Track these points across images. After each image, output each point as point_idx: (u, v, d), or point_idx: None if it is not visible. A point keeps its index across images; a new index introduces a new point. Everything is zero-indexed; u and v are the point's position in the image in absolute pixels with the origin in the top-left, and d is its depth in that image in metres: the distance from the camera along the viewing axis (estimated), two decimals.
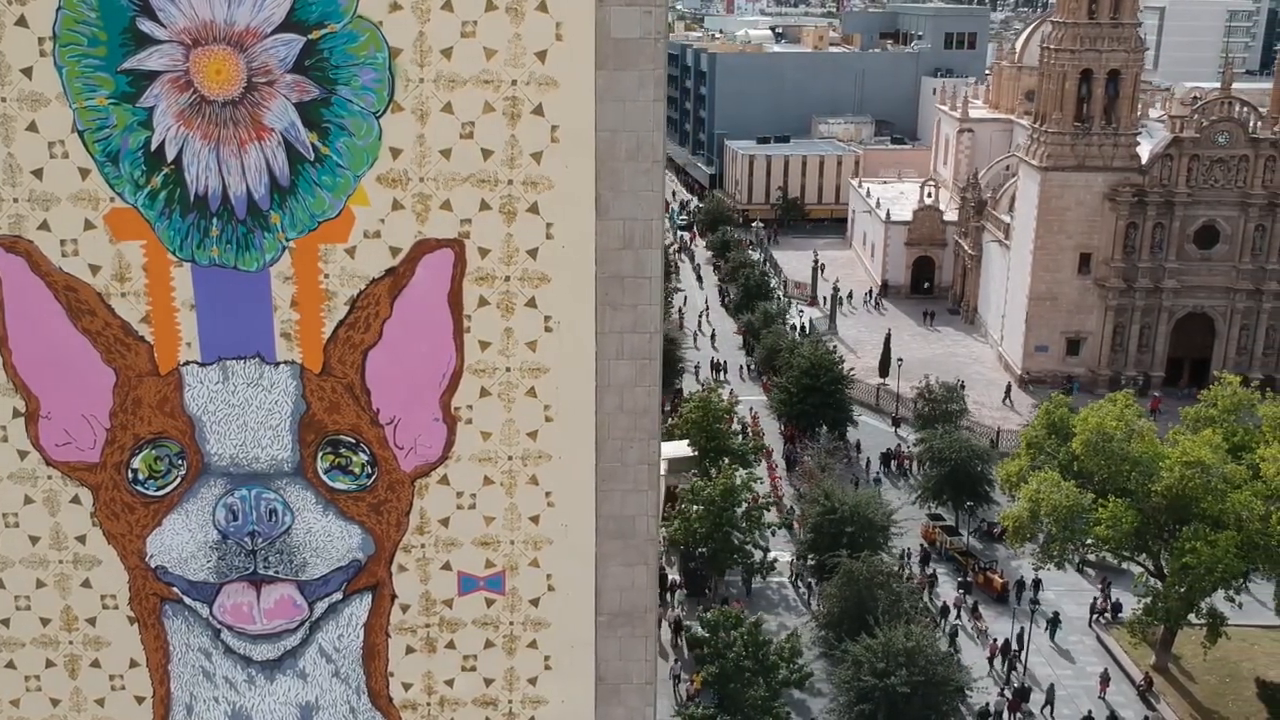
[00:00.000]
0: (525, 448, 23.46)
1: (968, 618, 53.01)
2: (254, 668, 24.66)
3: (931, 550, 59.50)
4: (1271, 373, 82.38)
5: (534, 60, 21.37)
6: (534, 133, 21.73)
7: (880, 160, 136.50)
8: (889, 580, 46.20)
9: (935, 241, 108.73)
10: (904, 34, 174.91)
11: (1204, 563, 41.53)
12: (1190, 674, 48.93)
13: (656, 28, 21.46)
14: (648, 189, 22.21)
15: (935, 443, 60.88)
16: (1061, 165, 79.48)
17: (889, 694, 39.33)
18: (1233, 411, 48.07)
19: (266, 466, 23.34)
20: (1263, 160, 78.47)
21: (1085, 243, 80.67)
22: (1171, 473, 43.31)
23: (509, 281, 22.50)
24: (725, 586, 54.95)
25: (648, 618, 24.77)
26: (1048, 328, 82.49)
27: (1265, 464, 43.21)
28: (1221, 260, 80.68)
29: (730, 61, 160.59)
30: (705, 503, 51.76)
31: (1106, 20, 78.11)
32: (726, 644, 39.54)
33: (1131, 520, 44.53)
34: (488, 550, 24.17)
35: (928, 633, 41.81)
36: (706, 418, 61.24)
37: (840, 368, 71.92)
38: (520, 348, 22.85)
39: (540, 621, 24.67)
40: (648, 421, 23.49)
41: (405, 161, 21.78)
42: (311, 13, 21.06)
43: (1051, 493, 45.20)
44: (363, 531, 23.88)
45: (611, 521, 24.08)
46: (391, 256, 22.23)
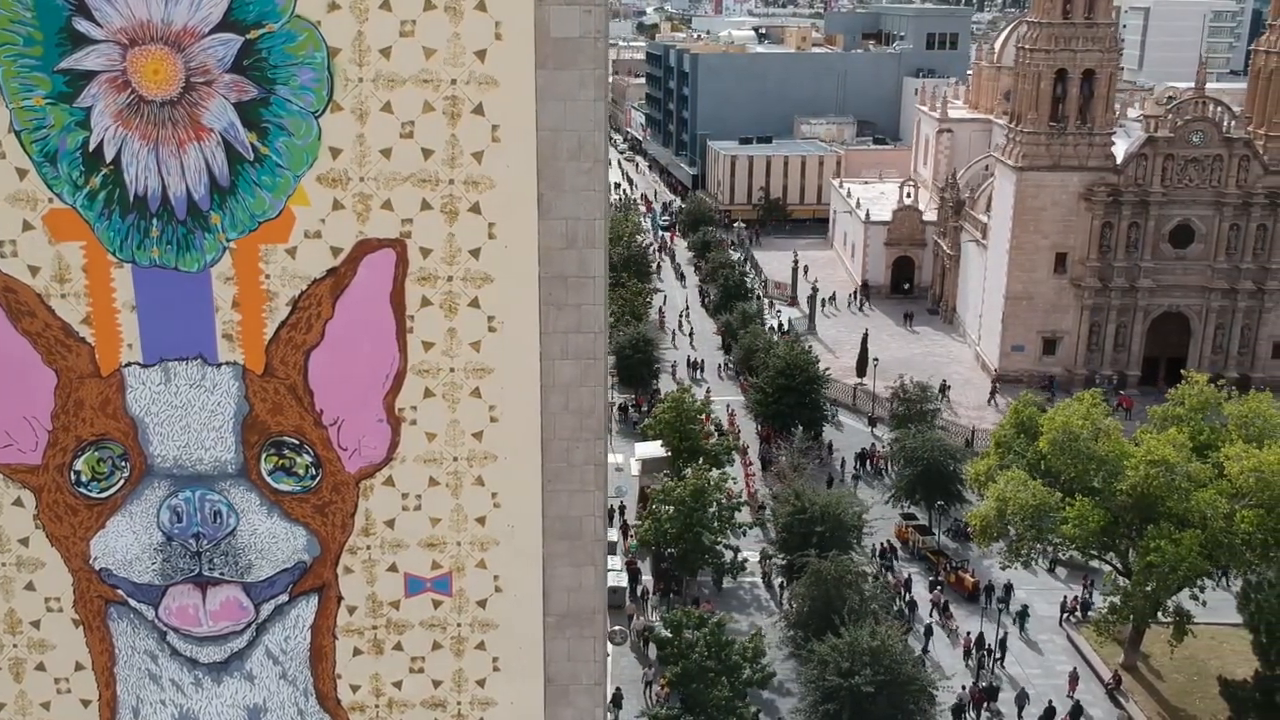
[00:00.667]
0: (470, 448, 23.38)
1: (939, 617, 53.07)
2: (201, 670, 24.56)
3: (904, 550, 59.60)
4: (1247, 371, 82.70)
5: (474, 59, 21.31)
6: (475, 132, 21.66)
7: (862, 160, 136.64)
8: (857, 580, 46.24)
9: (915, 242, 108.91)
10: (886, 34, 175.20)
11: (1168, 561, 41.61)
12: (1159, 672, 49.02)
13: (597, 27, 21.40)
14: (590, 188, 22.15)
15: (908, 442, 60.96)
16: (1037, 165, 79.66)
17: (854, 693, 39.33)
18: (1199, 410, 48.23)
19: (210, 468, 23.23)
20: (1236, 160, 78.69)
21: (1061, 242, 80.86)
22: (1136, 471, 43.41)
23: (451, 281, 22.42)
24: (697, 586, 54.95)
25: (596, 619, 24.69)
26: (1024, 327, 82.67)
27: (1229, 462, 43.35)
28: (1196, 259, 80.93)
29: (712, 62, 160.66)
30: (675, 503, 51.76)
31: (1081, 20, 78.32)
32: (689, 644, 39.55)
33: (1098, 519, 44.63)
34: (434, 551, 24.09)
35: (894, 632, 41.77)
36: (680, 418, 61.25)
37: (815, 368, 71.96)
38: (464, 348, 22.78)
39: (488, 623, 24.59)
40: (593, 422, 23.42)
41: (345, 161, 21.70)
42: (249, 12, 20.97)
43: (1018, 492, 45.28)
44: (308, 533, 23.79)
45: (558, 522, 24.02)
46: (333, 257, 22.15)
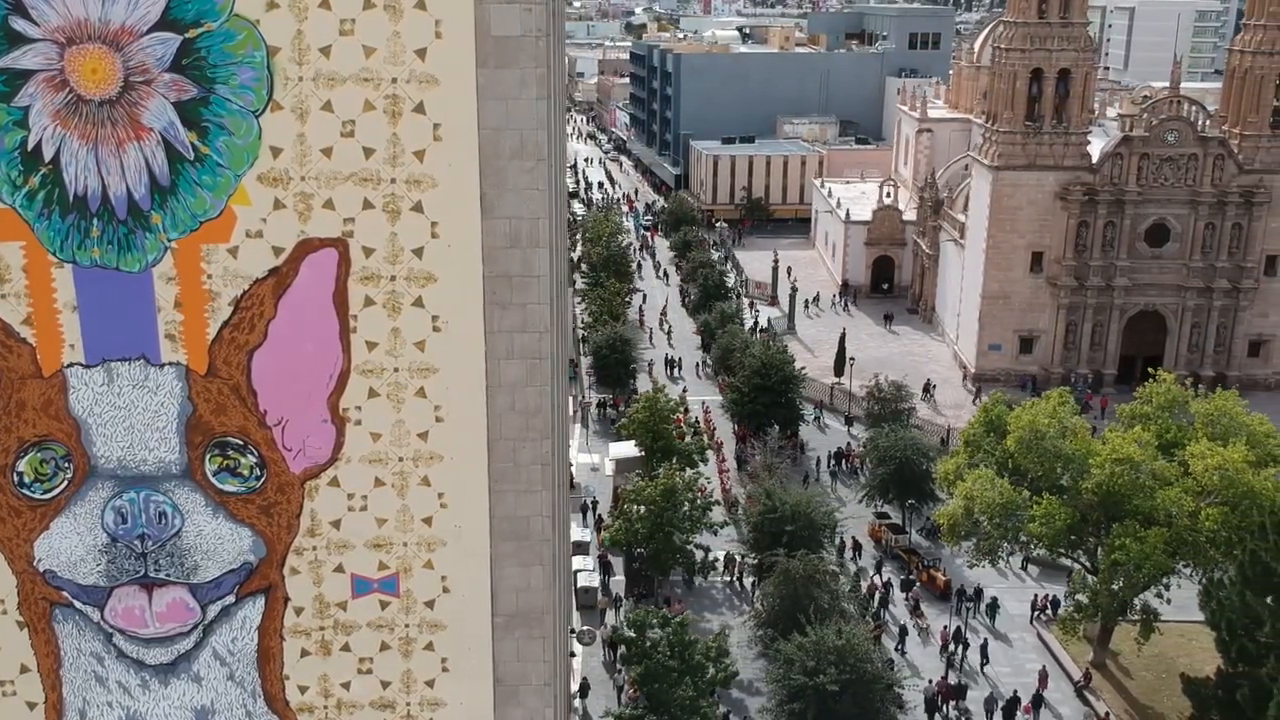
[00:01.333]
0: (416, 449, 23.36)
1: (910, 615, 53.07)
2: (147, 672, 24.47)
3: (877, 548, 59.65)
4: (1223, 370, 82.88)
5: (414, 58, 21.28)
6: (416, 131, 21.63)
7: (844, 160, 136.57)
8: (826, 579, 46.23)
9: (895, 241, 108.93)
10: (869, 34, 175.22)
11: (1133, 559, 41.69)
12: (1128, 670, 49.07)
13: (538, 25, 21.35)
14: (533, 187, 22.13)
15: (881, 441, 60.97)
16: (1013, 164, 79.70)
17: (819, 692, 39.30)
18: (1166, 409, 48.32)
19: (154, 469, 23.16)
20: (1211, 159, 78.84)
21: (1037, 241, 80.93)
22: (1102, 469, 43.49)
23: (395, 281, 22.39)
24: (669, 586, 54.91)
25: (545, 619, 24.66)
26: (1001, 326, 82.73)
27: (1194, 460, 43.44)
28: (1172, 258, 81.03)
29: (695, 62, 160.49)
30: (646, 502, 51.71)
31: (1056, 20, 78.36)
32: (652, 644, 39.47)
33: (1064, 517, 44.67)
34: (380, 552, 24.05)
35: (860, 631, 41.74)
36: (653, 418, 61.20)
37: (791, 367, 71.93)
38: (408, 348, 22.75)
39: (436, 623, 24.56)
40: (540, 421, 23.40)
41: (286, 160, 21.65)
42: (187, 11, 20.91)
43: (985, 491, 45.31)
44: (253, 534, 23.73)
45: (506, 522, 23.99)
46: (274, 256, 22.10)
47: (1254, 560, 35.63)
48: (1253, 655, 35.97)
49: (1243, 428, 45.61)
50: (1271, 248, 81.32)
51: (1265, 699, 34.62)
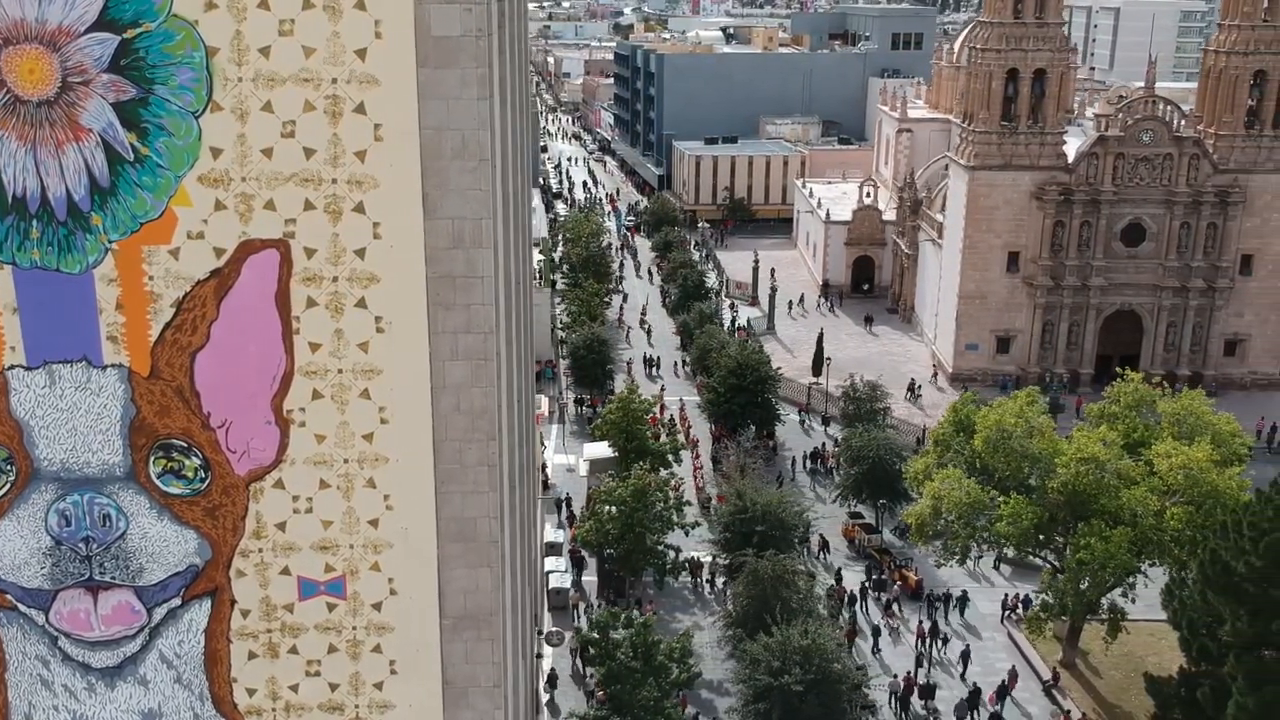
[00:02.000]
0: (361, 450, 23.26)
1: (882, 615, 53.11)
2: (94, 675, 24.35)
3: (850, 548, 59.73)
4: (1199, 369, 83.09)
5: (354, 58, 21.19)
6: (357, 131, 21.55)
7: (826, 160, 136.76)
8: (795, 578, 46.24)
9: (875, 241, 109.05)
10: (852, 34, 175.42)
11: (1097, 559, 41.77)
12: (1096, 669, 49.15)
13: (479, 25, 21.27)
14: (475, 187, 22.04)
15: (854, 441, 61.02)
16: (988, 164, 79.80)
17: (784, 692, 39.31)
18: (1134, 408, 48.43)
19: (98, 471, 23.03)
20: (1187, 158, 79.02)
21: (1013, 241, 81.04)
22: (1067, 469, 43.57)
23: (337, 282, 22.30)
24: (641, 587, 54.88)
25: (493, 620, 24.59)
26: (977, 326, 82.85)
27: (1158, 460, 43.52)
28: (1148, 258, 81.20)
29: (679, 62, 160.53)
30: (617, 503, 51.66)
31: (1032, 20, 78.49)
32: (615, 645, 39.43)
33: (1031, 517, 44.71)
34: (327, 554, 23.95)
35: (826, 631, 41.73)
36: (626, 418, 61.15)
37: (767, 368, 71.98)
38: (352, 349, 22.66)
39: (384, 625, 24.47)
40: (485, 423, 23.31)
41: (226, 161, 21.56)
42: (125, 12, 20.80)
43: (952, 490, 45.37)
44: (199, 536, 23.62)
45: (453, 524, 23.91)
46: (216, 257, 22.00)
47: (1214, 559, 35.70)
48: (1213, 654, 36.06)
49: (1208, 427, 45.73)
50: (1247, 247, 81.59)
51: (1225, 698, 34.70)
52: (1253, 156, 79.97)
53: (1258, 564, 34.07)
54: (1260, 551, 33.87)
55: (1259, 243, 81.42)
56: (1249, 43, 78.46)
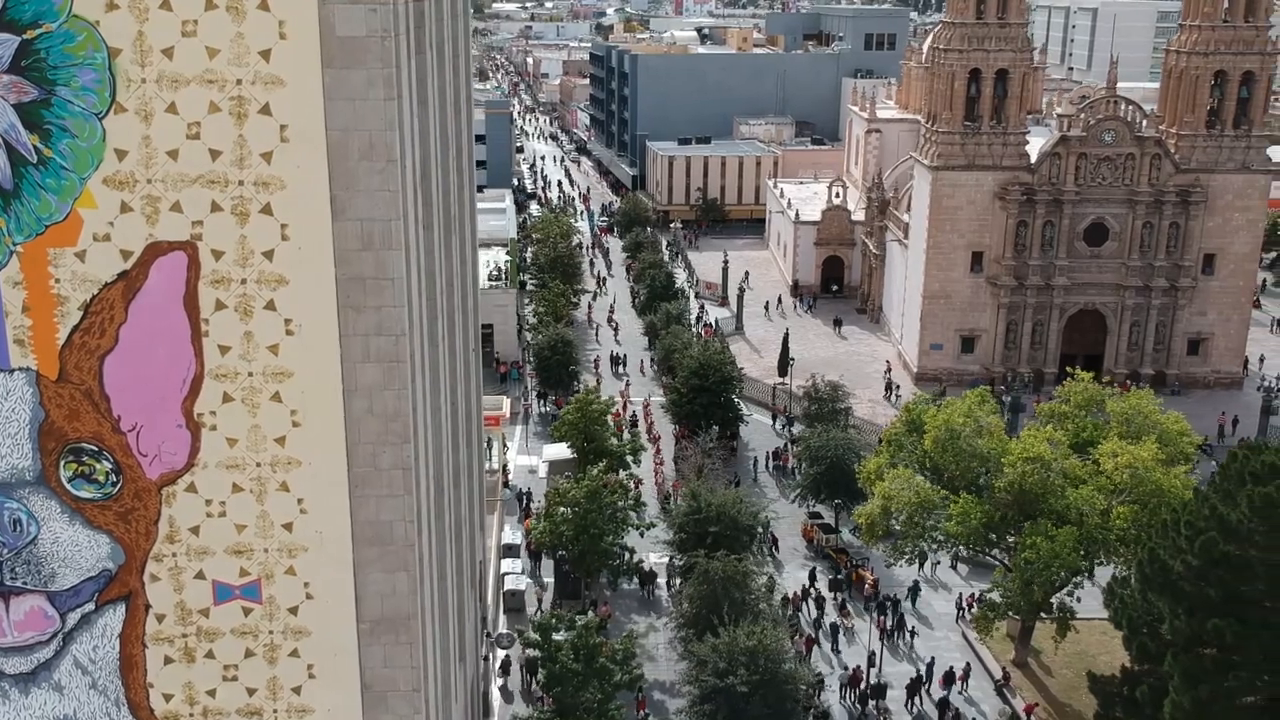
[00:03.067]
0: (274, 454, 23.13)
1: (838, 614, 53.14)
2: (7, 681, 24.11)
3: (809, 548, 59.78)
4: (1162, 368, 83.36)
5: (258, 59, 21.06)
6: (263, 132, 21.42)
7: (799, 161, 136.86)
8: (746, 579, 46.19)
9: (844, 242, 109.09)
10: (826, 35, 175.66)
11: (1043, 558, 41.85)
12: (1049, 668, 49.20)
13: (384, 26, 21.16)
14: (384, 189, 21.93)
15: (812, 441, 61.00)
16: (952, 164, 79.90)
17: (729, 694, 39.27)
18: (1084, 407, 48.57)
19: (7, 476, 22.82)
20: (1148, 158, 79.25)
21: (977, 241, 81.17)
22: (1014, 468, 43.65)
23: (246, 284, 22.17)
24: (599, 588, 54.77)
25: (411, 625, 24.47)
26: (942, 326, 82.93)
27: (1104, 459, 43.61)
28: (1111, 257, 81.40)
29: (652, 63, 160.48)
30: (571, 504, 51.55)
31: (994, 20, 78.58)
32: (556, 647, 39.30)
33: (980, 516, 44.77)
34: (241, 558, 23.82)
35: (773, 632, 41.65)
36: (584, 419, 61.04)
37: (729, 368, 71.94)
38: (262, 351, 22.53)
39: (301, 630, 24.35)
40: (399, 426, 23.20)
41: (131, 163, 21.41)
42: (24, 12, 20.62)
43: (902, 490, 45.41)
44: (111, 540, 23.44)
45: (368, 528, 23.79)
46: (123, 260, 21.85)
47: (1152, 558, 35.82)
48: (1152, 653, 36.14)
49: (1156, 426, 45.87)
50: (1209, 246, 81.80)
51: (1164, 696, 34.80)
52: (1214, 156, 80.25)
53: (1194, 563, 34.18)
54: (1196, 550, 33.98)
55: (1221, 242, 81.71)
56: (1209, 43, 78.76)
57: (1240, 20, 78.55)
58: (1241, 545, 33.18)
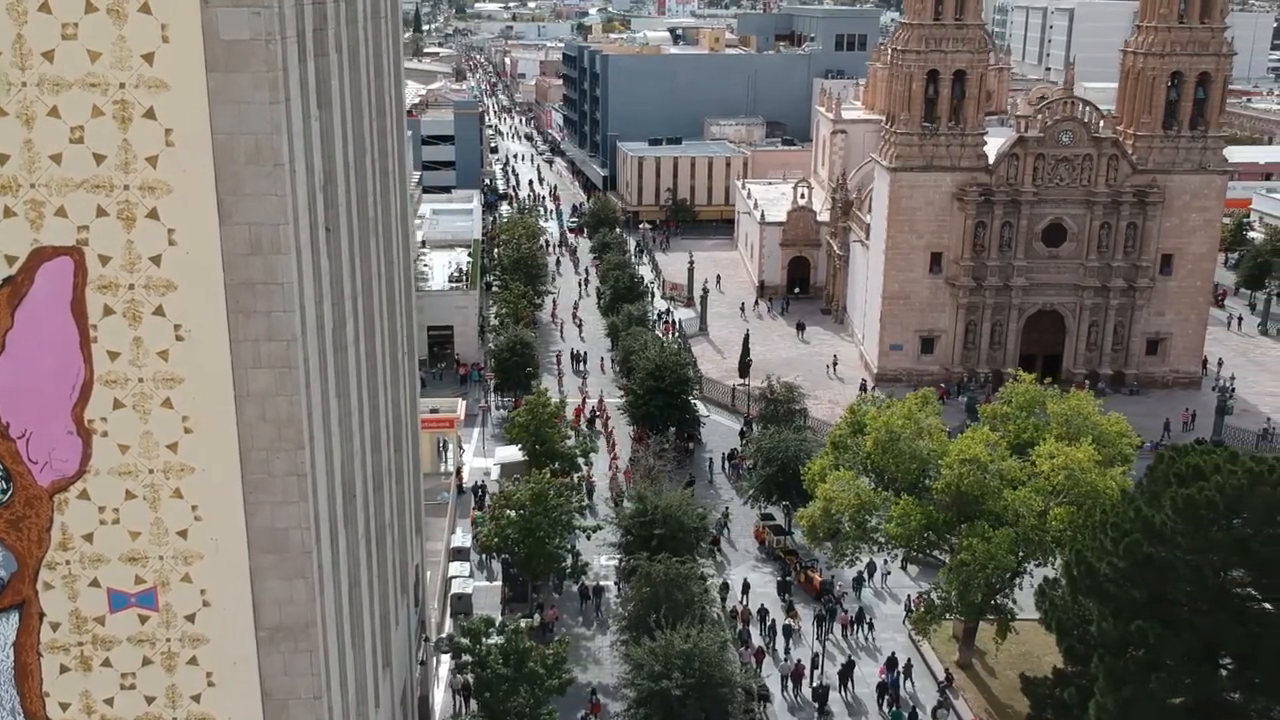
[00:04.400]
0: (166, 460, 22.89)
1: (785, 615, 53.08)
2: None
3: (760, 549, 59.78)
4: (1121, 368, 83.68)
5: (141, 63, 20.83)
6: (147, 136, 21.18)
7: (769, 161, 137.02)
8: (687, 582, 46.09)
9: (810, 242, 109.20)
10: (798, 35, 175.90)
11: (978, 559, 41.87)
12: (992, 669, 49.23)
13: (268, 29, 20.95)
14: (272, 192, 21.72)
15: (764, 443, 60.96)
16: (910, 165, 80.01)
17: (664, 697, 39.16)
18: (1026, 409, 48.64)
19: None
20: (1106, 159, 79.49)
21: (935, 242, 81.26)
22: (951, 470, 43.66)
23: (134, 289, 21.93)
24: (548, 591, 54.60)
25: (311, 632, 24.25)
26: (901, 326, 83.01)
27: (1040, 460, 43.66)
28: (1069, 258, 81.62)
29: (623, 63, 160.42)
30: (516, 507, 51.38)
31: (951, 22, 78.67)
32: (485, 652, 39.09)
33: (920, 517, 44.81)
34: (136, 566, 23.56)
35: (709, 635, 41.54)
36: (534, 421, 60.86)
37: (686, 370, 71.84)
38: (152, 357, 22.29)
39: (198, 638, 24.10)
40: (292, 431, 22.98)
41: (14, 167, 21.14)
42: None
43: (842, 492, 45.40)
44: (3, 549, 23.15)
45: (264, 535, 23.56)
46: (8, 265, 21.57)
47: (1079, 560, 35.85)
48: (1081, 655, 36.19)
49: (1094, 427, 45.95)
50: (1166, 247, 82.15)
51: (1091, 698, 34.82)
52: (1170, 157, 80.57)
53: (1119, 564, 34.23)
54: (1121, 552, 34.03)
55: (1178, 242, 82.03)
56: (1165, 44, 79.08)
57: (1196, 21, 78.95)
58: (1165, 547, 33.23)
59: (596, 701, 46.44)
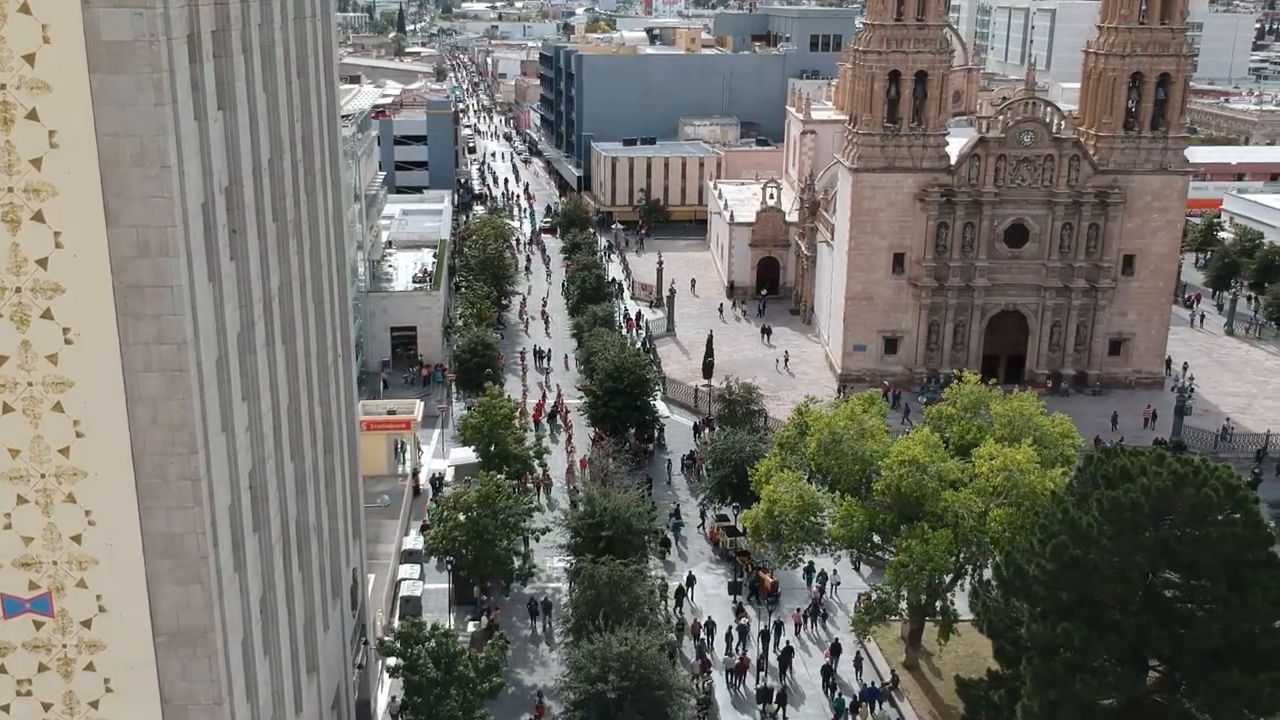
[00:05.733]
0: (58, 465, 22.69)
1: (734, 617, 52.94)
2: None
3: (714, 550, 59.70)
4: (1084, 368, 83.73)
5: (22, 64, 20.62)
6: (31, 138, 20.99)
7: (742, 162, 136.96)
8: (631, 584, 45.93)
9: (779, 243, 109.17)
10: (774, 36, 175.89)
11: (916, 560, 41.84)
12: (939, 671, 49.16)
13: (151, 30, 20.75)
14: (158, 195, 21.53)
15: (718, 444, 60.88)
16: (872, 166, 79.95)
17: (601, 699, 39.02)
18: (970, 410, 48.61)
19: None
20: (1067, 160, 79.56)
21: (898, 243, 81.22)
22: (891, 471, 43.61)
23: (21, 293, 21.73)
24: (498, 594, 54.35)
25: (210, 637, 24.07)
26: (864, 327, 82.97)
27: (979, 461, 43.61)
28: (1031, 258, 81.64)
29: (598, 64, 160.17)
30: (464, 509, 51.18)
31: (913, 22, 78.56)
32: (416, 657, 38.86)
33: (862, 519, 44.74)
34: (30, 571, 23.36)
35: (649, 638, 41.36)
36: (487, 422, 60.65)
37: (645, 370, 71.68)
38: (41, 361, 22.09)
39: (95, 643, 23.90)
40: (185, 436, 22.79)
41: None
42: None
43: (785, 493, 45.30)
44: None
45: (159, 540, 23.37)
46: None
47: (1009, 561, 35.85)
48: (1011, 656, 36.17)
49: (1037, 428, 45.95)
50: (1128, 247, 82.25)
51: (1019, 700, 34.81)
52: (1132, 157, 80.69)
53: (1047, 566, 34.21)
54: (1048, 554, 34.02)
55: (1140, 243, 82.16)
56: (1126, 45, 79.21)
57: (1156, 22, 79.08)
58: (1091, 549, 33.22)
59: (542, 705, 46.27)
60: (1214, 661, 32.78)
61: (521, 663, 49.79)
